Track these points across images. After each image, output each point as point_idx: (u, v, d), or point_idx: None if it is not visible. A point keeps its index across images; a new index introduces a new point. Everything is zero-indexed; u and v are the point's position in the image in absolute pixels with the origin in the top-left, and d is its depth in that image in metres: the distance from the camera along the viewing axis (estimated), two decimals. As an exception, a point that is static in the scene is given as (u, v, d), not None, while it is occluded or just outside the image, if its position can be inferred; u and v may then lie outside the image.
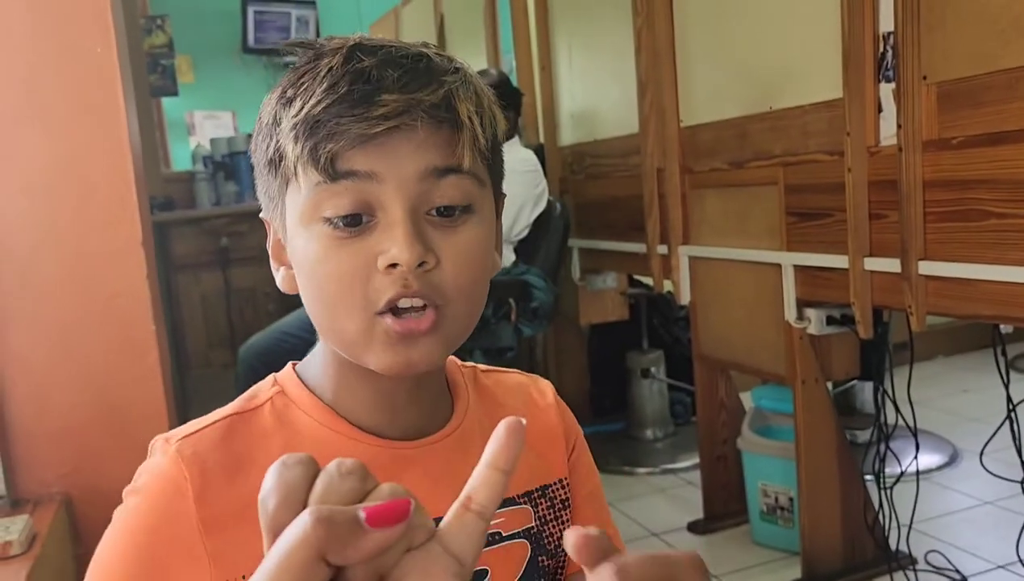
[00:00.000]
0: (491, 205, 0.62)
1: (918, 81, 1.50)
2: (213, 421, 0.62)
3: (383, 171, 0.55)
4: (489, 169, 0.61)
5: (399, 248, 0.55)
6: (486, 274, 0.62)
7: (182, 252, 3.31)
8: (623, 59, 2.38)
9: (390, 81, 0.55)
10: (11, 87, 1.42)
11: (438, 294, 0.57)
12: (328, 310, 0.58)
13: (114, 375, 1.49)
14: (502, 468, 0.37)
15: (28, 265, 1.44)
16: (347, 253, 0.56)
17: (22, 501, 1.42)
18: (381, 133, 0.55)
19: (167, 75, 3.59)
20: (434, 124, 0.56)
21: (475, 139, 0.58)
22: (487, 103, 0.61)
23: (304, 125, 0.55)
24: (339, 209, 0.56)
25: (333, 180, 0.55)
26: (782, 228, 1.88)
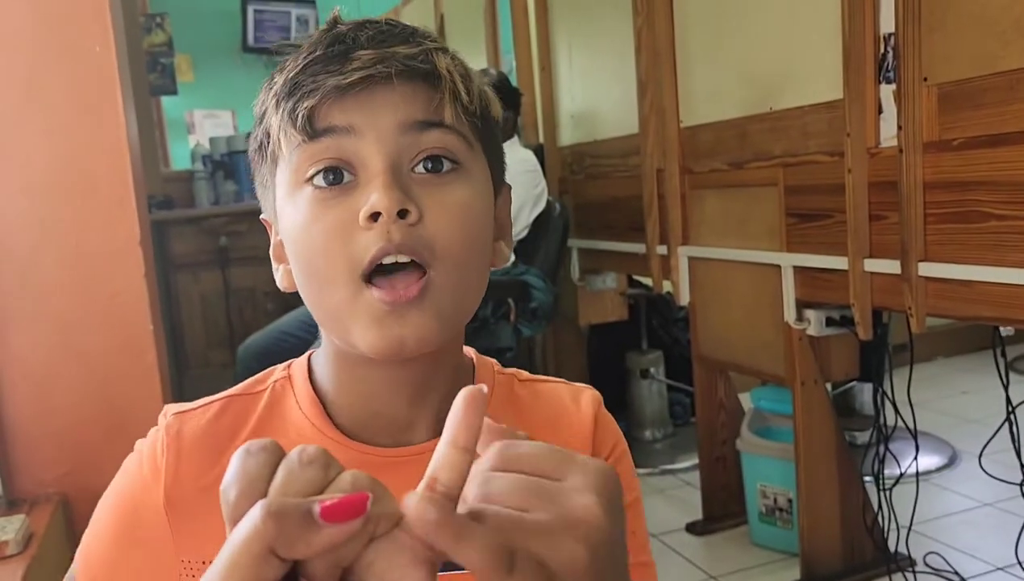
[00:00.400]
0: (484, 173, 0.60)
1: (919, 82, 1.50)
2: (212, 400, 0.62)
3: (361, 124, 0.54)
4: (479, 135, 0.59)
5: (377, 195, 0.53)
6: (479, 239, 0.58)
7: (181, 251, 3.31)
8: (623, 59, 2.38)
9: (365, 39, 0.56)
10: (11, 86, 1.41)
11: (424, 249, 0.54)
12: (314, 278, 0.56)
13: (112, 375, 1.49)
14: (463, 446, 0.35)
15: (27, 264, 1.44)
16: (329, 213, 0.54)
17: (19, 501, 1.42)
18: (357, 83, 0.54)
19: (167, 74, 3.59)
20: (410, 76, 0.55)
21: (456, 94, 0.56)
22: (474, 76, 0.59)
23: (283, 90, 0.56)
24: (319, 166, 0.55)
25: (312, 138, 0.55)
26: (782, 229, 1.88)
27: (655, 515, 2.42)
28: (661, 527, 2.34)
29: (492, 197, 0.61)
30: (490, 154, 0.61)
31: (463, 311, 0.59)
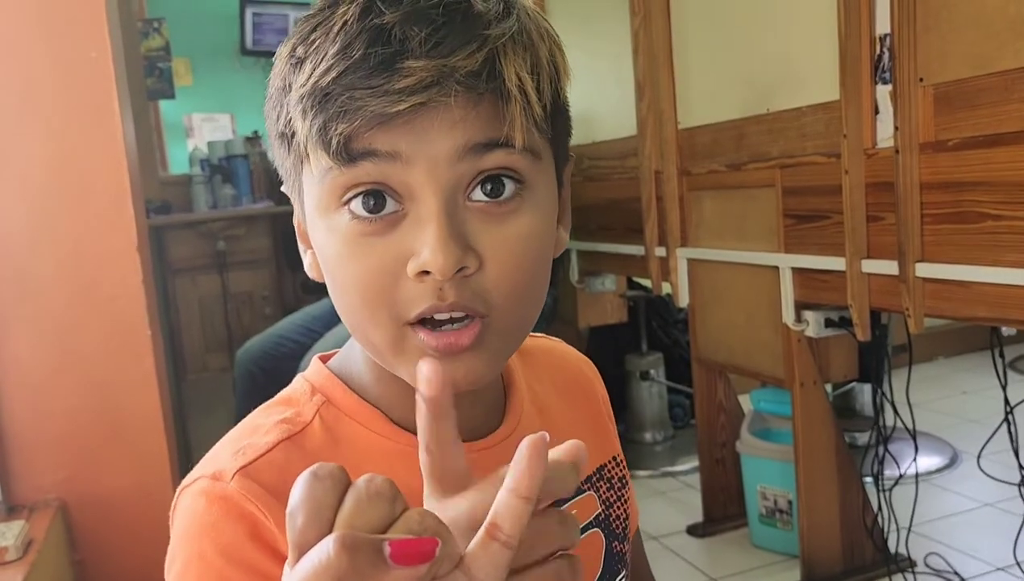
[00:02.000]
0: (551, 179, 0.52)
1: (914, 83, 1.50)
2: (264, 450, 0.52)
3: (409, 151, 0.46)
4: (550, 139, 0.51)
5: (431, 251, 0.45)
6: (544, 268, 0.51)
7: (179, 255, 3.31)
8: (621, 61, 2.38)
9: (416, 42, 0.44)
10: (8, 92, 1.42)
11: (482, 303, 0.48)
12: (353, 317, 0.50)
13: (111, 380, 1.49)
14: (525, 496, 0.35)
15: (25, 269, 1.44)
16: (371, 252, 0.47)
17: (18, 507, 1.42)
18: (405, 112, 0.44)
19: (164, 78, 3.59)
20: (473, 97, 0.46)
21: (528, 109, 0.47)
22: (546, 53, 0.49)
23: (312, 98, 0.46)
24: (358, 190, 0.47)
25: (347, 163, 0.46)
26: (780, 230, 1.88)
27: (656, 518, 2.42)
28: (662, 529, 2.34)
29: (556, 201, 0.54)
30: (558, 138, 0.53)
31: (519, 341, 0.53)
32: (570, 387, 0.67)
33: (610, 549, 0.63)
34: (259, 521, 0.49)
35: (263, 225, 3.41)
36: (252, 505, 0.49)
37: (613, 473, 0.65)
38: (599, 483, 0.64)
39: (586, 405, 0.68)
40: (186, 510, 0.51)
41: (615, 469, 0.66)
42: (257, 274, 3.29)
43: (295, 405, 0.56)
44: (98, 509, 1.44)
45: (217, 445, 0.54)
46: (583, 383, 0.69)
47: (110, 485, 1.43)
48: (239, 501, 0.49)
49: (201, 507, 0.50)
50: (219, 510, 0.49)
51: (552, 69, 0.50)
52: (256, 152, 3.69)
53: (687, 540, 2.28)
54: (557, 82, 0.50)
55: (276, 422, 0.54)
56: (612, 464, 0.66)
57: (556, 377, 0.66)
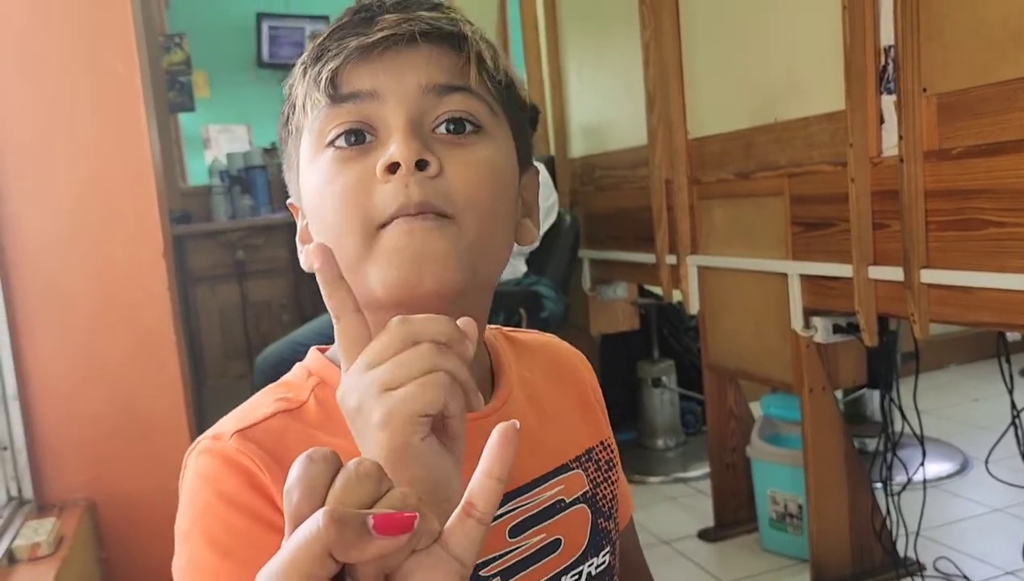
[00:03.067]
0: (509, 142, 0.59)
1: (918, 93, 1.53)
2: (263, 417, 0.57)
3: (384, 88, 0.55)
4: (504, 104, 0.59)
5: (396, 144, 0.53)
6: (504, 194, 0.58)
7: (199, 265, 3.37)
8: (631, 72, 2.42)
9: (390, 4, 0.56)
10: (39, 107, 1.47)
11: (446, 202, 0.54)
12: (331, 231, 0.56)
13: (136, 384, 1.54)
14: (497, 477, 0.39)
15: (55, 278, 1.50)
16: (349, 171, 0.55)
17: (48, 506, 1.47)
18: (380, 44, 0.54)
19: (185, 92, 3.66)
20: (435, 40, 0.56)
21: (482, 60, 0.57)
22: (504, 62, 0.59)
23: (310, 57, 0.57)
24: (341, 129, 0.55)
25: (335, 101, 0.55)
26: (788, 238, 1.91)
27: (667, 522, 2.44)
28: (673, 534, 2.37)
29: (516, 164, 0.60)
30: (515, 128, 0.61)
31: (487, 261, 0.57)
32: (560, 376, 0.72)
33: (596, 525, 0.67)
34: (255, 474, 0.53)
35: (281, 235, 3.47)
36: (248, 460, 0.54)
37: (601, 456, 0.70)
38: (587, 463, 0.68)
39: (575, 393, 0.72)
40: (189, 469, 0.56)
41: (603, 452, 0.70)
42: (275, 283, 3.35)
43: (293, 388, 0.61)
44: (124, 508, 1.49)
45: (225, 417, 0.60)
46: (573, 373, 0.74)
47: (135, 485, 1.48)
48: (236, 456, 0.54)
49: (203, 463, 0.55)
50: (219, 463, 0.54)
51: (507, 71, 0.59)
52: (274, 163, 3.75)
53: (698, 544, 2.31)
54: (511, 78, 0.60)
55: (274, 399, 0.59)
56: (600, 448, 0.70)
57: (546, 366, 0.71)
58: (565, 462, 0.66)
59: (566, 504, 0.64)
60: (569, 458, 0.66)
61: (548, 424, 0.66)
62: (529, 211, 0.64)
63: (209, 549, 0.52)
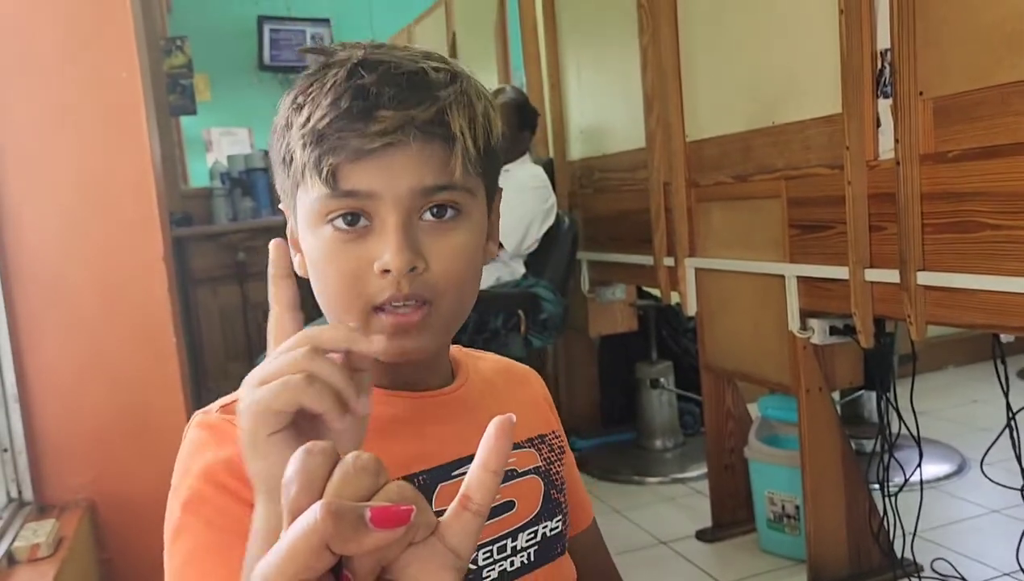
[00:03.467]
0: (483, 208, 0.68)
1: (915, 96, 1.54)
2: None
3: (380, 189, 0.61)
4: (483, 176, 0.67)
5: (391, 255, 0.60)
6: (475, 270, 0.67)
7: (200, 266, 3.38)
8: (630, 76, 2.43)
9: (387, 98, 0.60)
10: (41, 111, 1.48)
11: (428, 291, 0.63)
12: (332, 304, 0.64)
13: (137, 385, 1.54)
14: (493, 470, 0.41)
15: (57, 280, 1.50)
16: (348, 255, 0.62)
17: (48, 507, 1.48)
18: (378, 149, 0.60)
19: (186, 95, 3.67)
20: (427, 139, 0.61)
21: (466, 151, 0.63)
22: (482, 109, 0.65)
23: (310, 136, 0.61)
24: (340, 212, 0.62)
25: (335, 194, 0.61)
26: (785, 240, 1.92)
27: (665, 523, 2.45)
28: (671, 535, 2.38)
29: (486, 225, 0.69)
30: (488, 177, 0.68)
31: (459, 322, 0.68)
32: (510, 379, 0.81)
33: (548, 495, 0.74)
34: (232, 435, 0.58)
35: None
36: (231, 424, 0.59)
37: (553, 442, 0.78)
38: (540, 445, 0.76)
39: (526, 394, 0.81)
40: (183, 443, 0.64)
41: (555, 440, 0.78)
42: (275, 285, 3.34)
43: None
44: (124, 509, 1.50)
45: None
46: (523, 379, 0.83)
47: (136, 486, 1.49)
48: (221, 425, 0.62)
49: (190, 435, 0.63)
50: (205, 434, 0.62)
51: (486, 122, 0.65)
52: (274, 165, 3.76)
53: (696, 545, 2.32)
54: (489, 133, 0.66)
55: None
56: (552, 436, 0.78)
57: (499, 371, 0.81)
58: (518, 440, 0.73)
59: (518, 473, 0.72)
60: (521, 439, 0.74)
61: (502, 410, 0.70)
62: (492, 232, 0.72)
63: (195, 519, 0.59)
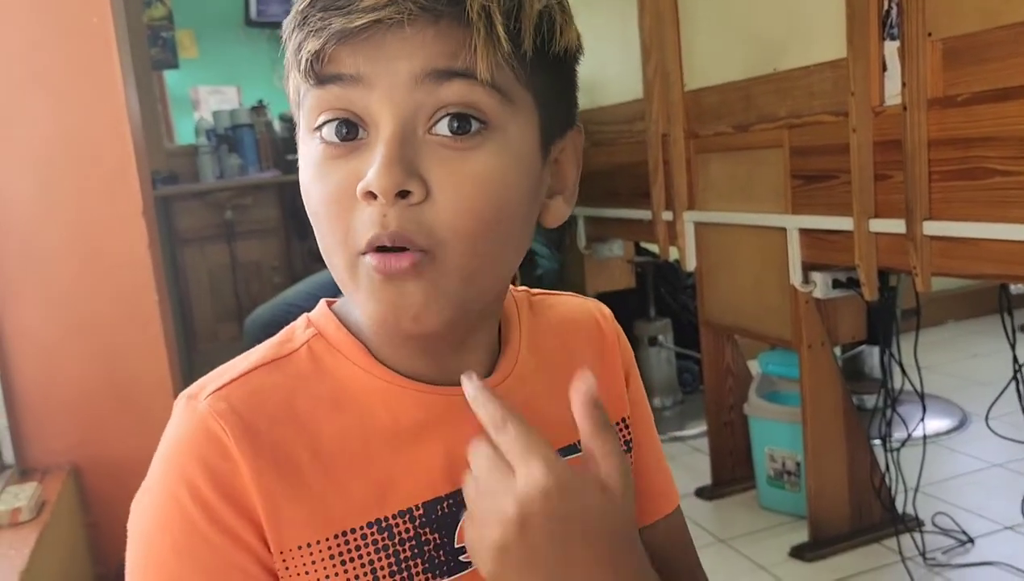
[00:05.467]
0: (528, 132, 0.51)
1: (923, 38, 1.48)
2: (243, 371, 0.54)
3: (370, 72, 0.47)
4: (529, 79, 0.50)
5: (374, 171, 0.47)
6: (505, 213, 0.50)
7: (187, 226, 3.32)
8: (626, 24, 2.36)
9: None
10: (10, 61, 1.42)
11: (425, 236, 0.48)
12: (322, 242, 0.52)
13: (119, 345, 1.50)
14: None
15: (31, 237, 1.45)
16: (333, 174, 0.49)
17: (31, 470, 1.44)
18: (365, 26, 0.46)
19: (168, 48, 3.58)
20: (430, 18, 0.46)
21: (494, 40, 0.47)
22: (539, 7, 0.49)
23: (292, 23, 0.49)
24: (328, 116, 0.49)
25: (318, 84, 0.49)
26: (787, 191, 1.87)
27: (664, 481, 2.43)
28: (670, 492, 2.35)
29: (537, 157, 0.53)
30: (548, 96, 0.52)
31: (479, 290, 0.52)
32: (584, 347, 0.65)
33: None
34: (220, 443, 0.51)
35: (270, 194, 3.41)
36: (217, 425, 0.51)
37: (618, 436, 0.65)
38: None
39: (599, 366, 0.65)
40: (168, 426, 0.54)
41: (620, 432, 0.66)
42: (265, 243, 3.30)
43: (289, 335, 0.58)
44: (110, 473, 1.46)
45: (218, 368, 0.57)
46: (599, 344, 0.67)
47: (121, 450, 1.45)
48: (207, 421, 0.51)
49: (174, 426, 0.53)
50: (188, 428, 0.52)
51: (542, 22, 0.49)
52: (262, 121, 3.68)
53: (696, 502, 2.30)
54: (547, 36, 0.50)
55: (265, 347, 0.57)
56: (618, 427, 0.66)
57: (570, 336, 0.65)
58: (573, 442, 0.58)
59: None
60: (578, 438, 0.62)
61: (558, 400, 0.58)
62: (562, 187, 0.56)
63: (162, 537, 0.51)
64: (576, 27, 0.53)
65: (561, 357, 0.63)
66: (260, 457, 0.51)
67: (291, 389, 0.54)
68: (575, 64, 0.55)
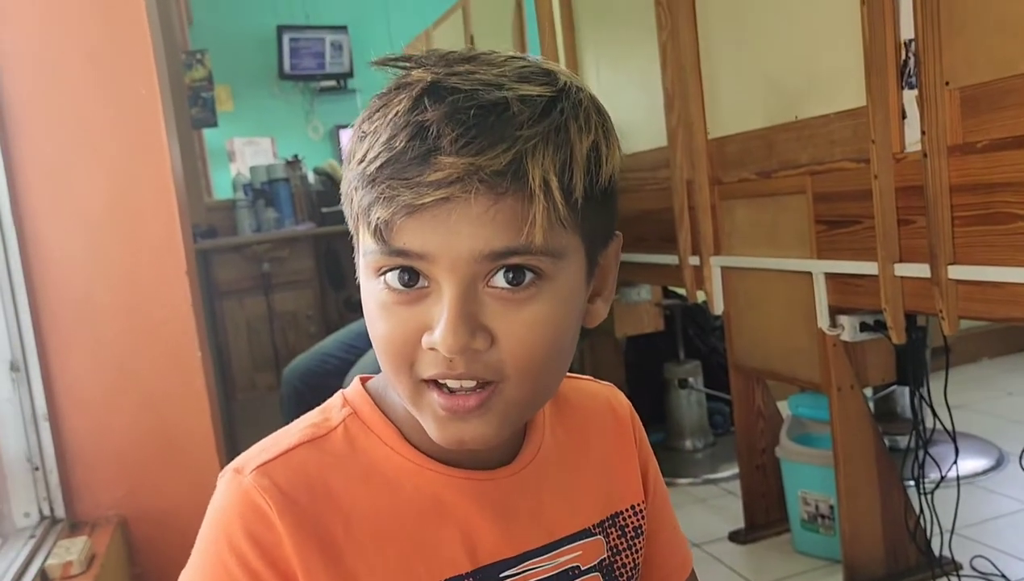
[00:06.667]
0: (576, 270, 0.55)
1: (940, 87, 1.51)
2: (285, 449, 0.58)
3: (435, 250, 0.50)
4: (581, 228, 0.54)
5: (440, 333, 0.51)
6: (559, 347, 0.55)
7: (226, 278, 3.40)
8: (650, 74, 2.41)
9: (448, 140, 0.49)
10: (63, 129, 1.50)
11: (492, 373, 0.52)
12: (384, 366, 0.56)
13: (164, 399, 1.55)
14: None
15: (82, 296, 1.52)
16: (399, 318, 0.53)
17: (80, 524, 1.49)
18: (432, 204, 0.49)
19: (207, 107, 3.71)
20: (495, 195, 0.49)
21: (552, 208, 0.50)
22: (588, 146, 0.53)
23: (362, 179, 0.52)
24: (392, 266, 0.53)
25: (384, 252, 0.52)
26: (812, 236, 1.89)
27: (697, 525, 2.43)
28: (704, 536, 2.35)
29: (583, 286, 0.57)
30: (592, 227, 0.55)
31: (535, 408, 0.58)
32: (596, 430, 0.69)
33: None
34: (268, 516, 0.55)
35: (306, 246, 3.49)
36: (261, 499, 0.55)
37: (628, 521, 0.67)
38: (610, 529, 0.66)
39: (615, 451, 0.69)
40: (214, 497, 0.58)
41: (631, 518, 0.68)
42: (301, 294, 3.38)
43: (327, 414, 0.62)
44: (155, 524, 1.51)
45: (258, 442, 0.61)
46: (610, 430, 0.70)
47: (165, 501, 1.50)
48: (252, 494, 0.55)
49: (221, 497, 0.57)
50: (235, 501, 0.56)
51: (590, 162, 0.53)
52: (297, 175, 3.78)
53: (729, 547, 2.29)
54: (596, 173, 0.53)
55: (305, 427, 0.61)
56: (629, 512, 0.68)
57: (586, 421, 0.69)
58: (587, 527, 0.64)
59: (580, 572, 0.63)
60: (592, 522, 0.65)
61: (575, 486, 0.65)
62: (601, 289, 0.60)
63: None
64: (617, 138, 0.57)
65: (577, 442, 0.67)
66: (301, 530, 0.55)
67: (328, 467, 0.58)
68: (617, 181, 0.58)
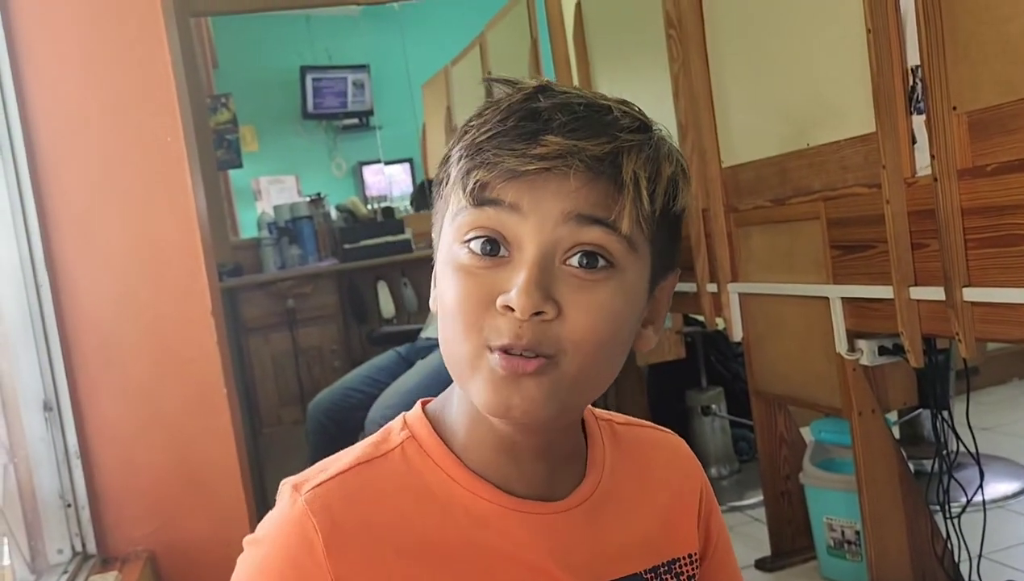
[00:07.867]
0: (643, 276, 0.59)
1: (948, 112, 1.52)
2: (342, 469, 0.60)
3: (527, 206, 0.55)
4: (653, 243, 0.58)
5: (517, 292, 0.54)
6: (617, 339, 0.58)
7: (252, 315, 3.46)
8: (663, 104, 2.44)
9: (557, 124, 0.55)
10: (92, 177, 1.56)
11: (552, 347, 0.55)
12: (449, 328, 0.58)
13: (191, 436, 1.59)
14: None
15: (110, 337, 1.56)
16: (476, 282, 0.56)
17: (111, 559, 1.52)
18: (533, 171, 0.54)
19: (232, 149, 3.79)
20: (591, 175, 0.55)
21: (638, 203, 0.55)
22: (670, 173, 0.58)
23: (468, 149, 0.56)
24: (478, 233, 0.56)
25: (476, 206, 0.56)
26: (827, 261, 1.90)
27: (724, 553, 2.41)
28: (730, 564, 2.33)
29: (645, 295, 0.60)
30: (660, 247, 0.60)
31: (583, 396, 0.60)
32: (659, 479, 0.69)
33: None
34: (311, 544, 0.57)
35: (329, 282, 3.55)
36: (311, 523, 0.57)
37: (683, 569, 0.68)
38: (665, 575, 0.66)
39: (673, 498, 0.70)
40: (274, 510, 0.61)
41: (687, 567, 0.68)
42: (325, 329, 3.44)
43: (387, 435, 0.64)
44: (183, 558, 1.54)
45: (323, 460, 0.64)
46: (675, 477, 0.71)
47: (193, 535, 1.53)
48: (302, 518, 0.58)
49: (276, 512, 0.60)
50: (286, 521, 0.59)
51: (671, 186, 0.58)
52: (320, 213, 3.85)
53: (756, 575, 2.27)
54: (674, 198, 0.59)
55: (366, 446, 0.63)
56: (685, 561, 0.68)
57: (647, 466, 0.69)
58: (639, 571, 0.65)
59: None
60: (645, 567, 0.65)
61: (630, 528, 0.65)
62: (654, 317, 0.64)
63: None
64: (692, 185, 0.61)
65: (637, 485, 0.68)
66: (345, 557, 0.57)
67: (382, 490, 0.60)
68: (683, 219, 0.63)
